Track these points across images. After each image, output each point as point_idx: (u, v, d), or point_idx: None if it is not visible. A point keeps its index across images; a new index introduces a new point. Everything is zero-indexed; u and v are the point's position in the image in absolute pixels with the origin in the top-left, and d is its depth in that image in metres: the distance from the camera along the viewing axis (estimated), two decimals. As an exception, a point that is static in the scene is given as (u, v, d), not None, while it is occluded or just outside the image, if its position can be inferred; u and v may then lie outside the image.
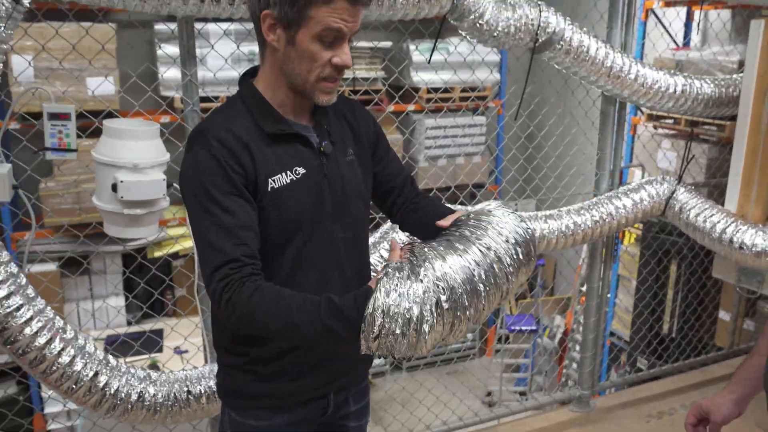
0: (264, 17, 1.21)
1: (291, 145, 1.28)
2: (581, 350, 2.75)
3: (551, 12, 2.17)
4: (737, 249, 2.29)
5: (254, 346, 1.32)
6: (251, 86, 1.31)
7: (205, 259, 1.20)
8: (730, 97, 2.52)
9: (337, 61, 1.21)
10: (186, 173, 1.23)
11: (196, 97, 1.92)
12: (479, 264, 1.15)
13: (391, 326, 1.07)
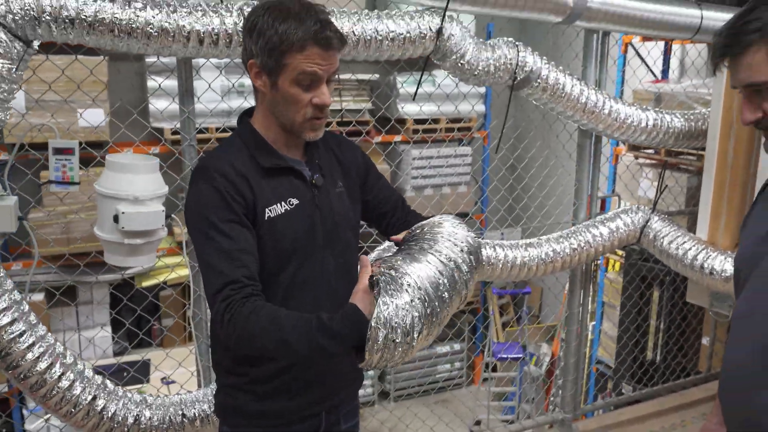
0: (250, 66, 1.39)
1: (286, 178, 1.43)
2: (563, 374, 2.88)
3: (528, 52, 2.35)
4: (708, 274, 2.46)
5: (254, 367, 1.45)
6: (248, 125, 1.46)
7: (208, 282, 1.33)
8: (700, 130, 2.71)
9: (317, 101, 1.37)
10: (190, 206, 1.37)
11: (193, 133, 2.07)
12: (443, 273, 1.29)
13: (393, 337, 1.18)
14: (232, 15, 1.89)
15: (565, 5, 2.29)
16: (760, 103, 1.24)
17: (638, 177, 4.15)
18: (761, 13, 1.20)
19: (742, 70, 1.23)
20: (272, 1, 1.38)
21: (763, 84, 1.22)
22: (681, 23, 2.55)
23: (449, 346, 5.33)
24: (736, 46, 1.22)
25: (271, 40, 1.32)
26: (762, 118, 1.25)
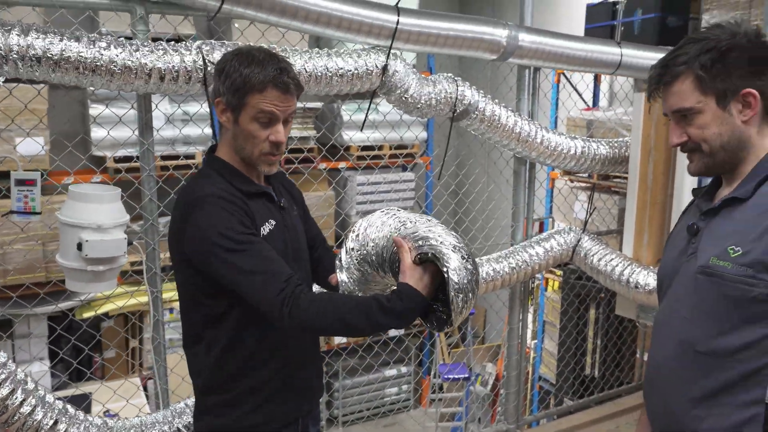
0: (217, 103, 1.59)
1: (262, 202, 1.63)
2: (505, 387, 3.12)
3: (467, 86, 2.61)
4: (633, 288, 2.75)
5: (243, 380, 1.61)
6: (218, 158, 1.64)
7: (255, 287, 1.47)
8: (623, 156, 3.03)
9: (273, 138, 1.57)
10: (203, 230, 1.49)
11: (152, 164, 2.22)
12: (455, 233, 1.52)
13: (469, 296, 1.40)
14: (191, 53, 2.07)
15: (498, 44, 2.57)
16: (686, 127, 1.43)
17: (572, 200, 4.49)
18: (688, 48, 1.40)
19: (671, 97, 1.43)
20: (241, 49, 1.61)
21: (688, 110, 1.41)
22: (604, 60, 2.87)
23: (396, 369, 5.51)
24: (667, 75, 1.43)
25: (235, 82, 1.53)
26: (687, 142, 1.45)
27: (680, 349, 1.46)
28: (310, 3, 2.18)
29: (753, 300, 1.32)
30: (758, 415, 1.34)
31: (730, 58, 1.37)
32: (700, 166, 1.46)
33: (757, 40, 1.38)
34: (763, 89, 1.38)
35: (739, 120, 1.40)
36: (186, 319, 1.66)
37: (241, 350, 1.60)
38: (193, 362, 1.67)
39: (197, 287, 1.58)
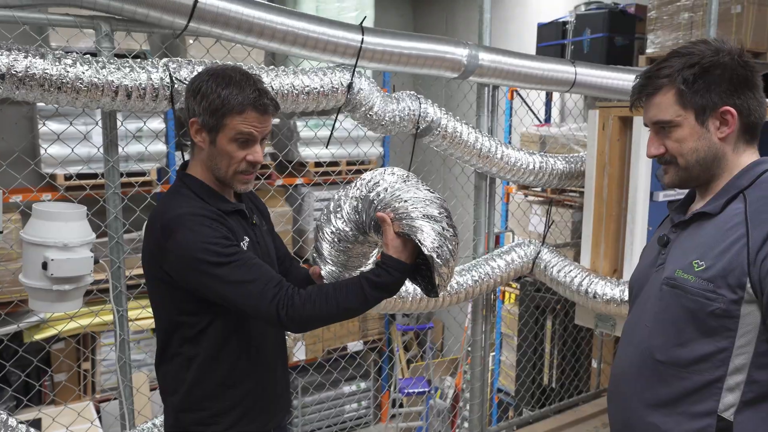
0: (192, 124, 1.61)
1: (236, 219, 1.66)
2: (470, 398, 3.19)
3: (429, 103, 2.70)
4: (592, 298, 2.87)
5: (216, 400, 1.63)
6: (192, 177, 1.66)
7: (248, 294, 1.50)
8: (579, 171, 3.17)
9: (251, 158, 1.61)
10: (189, 248, 1.50)
11: (118, 181, 2.22)
12: (433, 197, 1.58)
13: (451, 264, 1.48)
14: (158, 71, 2.09)
15: (460, 63, 2.67)
16: (664, 140, 1.47)
17: (528, 214, 4.64)
18: (673, 62, 1.43)
19: (652, 108, 1.47)
20: (215, 68, 1.64)
21: (667, 122, 1.44)
22: (559, 78, 3.01)
23: (356, 385, 5.54)
24: (649, 86, 1.47)
25: (213, 103, 1.56)
26: (664, 154, 1.49)
27: (641, 356, 1.51)
28: (276, 22, 2.23)
29: (710, 314, 1.37)
30: (710, 426, 1.39)
31: (711, 75, 1.40)
32: (675, 178, 1.51)
33: (740, 59, 1.42)
34: (740, 108, 1.42)
35: (715, 136, 1.44)
36: (162, 337, 1.67)
37: (221, 366, 1.63)
38: (168, 380, 1.68)
39: (176, 305, 1.60)
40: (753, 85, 1.43)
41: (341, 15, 5.11)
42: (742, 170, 1.45)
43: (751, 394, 1.37)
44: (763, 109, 1.44)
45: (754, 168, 1.44)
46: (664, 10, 4.82)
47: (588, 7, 5.39)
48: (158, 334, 1.68)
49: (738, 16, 4.48)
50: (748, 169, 1.44)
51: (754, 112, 1.43)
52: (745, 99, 1.42)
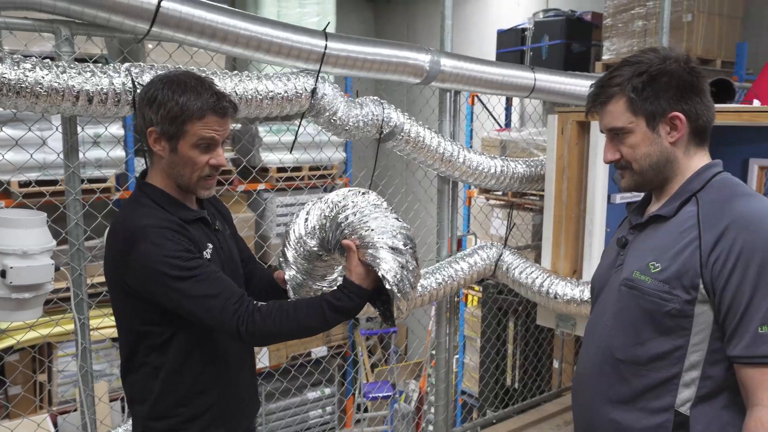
0: (150, 133, 1.58)
1: (199, 227, 1.66)
2: (435, 399, 3.23)
3: (392, 108, 2.73)
4: (552, 298, 2.94)
5: (186, 406, 1.63)
6: (152, 186, 1.64)
7: (210, 308, 1.50)
8: (539, 175, 3.24)
9: (214, 162, 1.61)
10: (151, 261, 1.50)
11: (78, 187, 2.20)
12: (398, 223, 1.60)
13: (410, 295, 1.54)
14: (120, 76, 2.07)
15: (422, 69, 2.72)
16: (618, 146, 1.52)
17: (490, 217, 4.71)
18: (623, 71, 1.48)
19: (605, 116, 1.52)
20: (168, 75, 1.62)
21: (620, 129, 1.49)
22: (519, 84, 3.08)
23: (320, 391, 5.53)
24: (602, 95, 1.51)
25: (172, 110, 1.55)
26: (619, 160, 1.53)
27: (602, 355, 1.57)
28: (240, 27, 2.24)
29: (666, 314, 1.43)
30: (668, 421, 1.45)
31: (659, 82, 1.45)
32: (630, 182, 1.56)
33: (687, 65, 1.48)
34: (689, 113, 1.47)
35: (666, 141, 1.49)
36: (127, 347, 1.65)
37: (188, 374, 1.63)
38: (136, 390, 1.67)
39: (140, 316, 1.59)
40: (699, 90, 1.49)
41: (303, 20, 5.12)
42: (694, 174, 1.50)
43: (705, 389, 1.44)
44: (711, 112, 1.51)
45: (705, 171, 1.50)
46: (618, 18, 4.97)
47: (546, 14, 5.51)
48: (123, 344, 1.67)
49: (689, 24, 4.64)
50: (699, 173, 1.50)
51: (702, 116, 1.49)
52: (693, 104, 1.47)
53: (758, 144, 3.15)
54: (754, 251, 1.35)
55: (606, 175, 2.87)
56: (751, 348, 1.35)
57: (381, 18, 8.22)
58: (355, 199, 1.63)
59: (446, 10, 2.90)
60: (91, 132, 3.90)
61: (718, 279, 1.38)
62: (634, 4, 4.86)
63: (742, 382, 1.39)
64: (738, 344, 1.37)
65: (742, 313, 1.36)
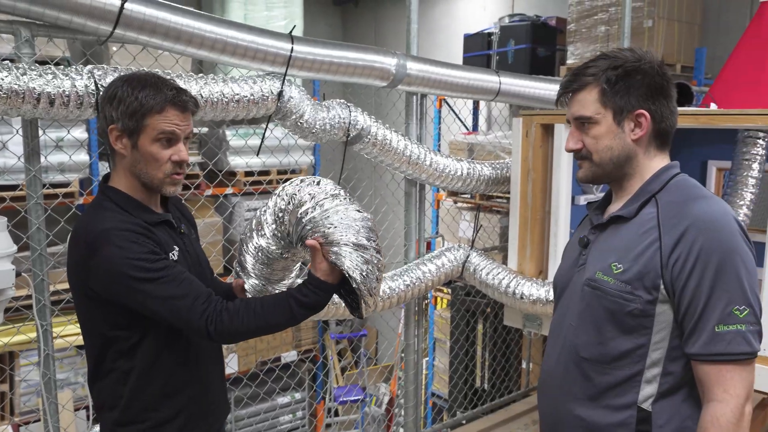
0: (111, 131, 1.57)
1: (164, 230, 1.64)
2: (404, 401, 3.25)
3: (359, 111, 2.74)
4: (519, 299, 2.98)
5: (156, 410, 1.62)
6: (115, 189, 1.62)
7: (177, 310, 1.50)
8: (505, 177, 3.28)
9: (176, 158, 1.60)
10: (116, 264, 1.48)
11: (40, 192, 2.16)
12: (361, 219, 1.60)
13: (375, 291, 1.55)
14: (82, 78, 2.05)
15: (388, 72, 2.74)
16: (582, 136, 1.54)
17: (458, 219, 4.75)
18: (599, 63, 1.51)
19: (575, 104, 1.54)
20: (129, 74, 1.63)
21: (587, 119, 1.52)
22: (484, 87, 3.11)
23: (290, 396, 5.51)
24: (576, 83, 1.54)
25: (131, 105, 1.54)
26: (581, 149, 1.55)
27: (567, 354, 1.60)
28: (205, 30, 2.23)
29: (629, 314, 1.47)
30: (631, 417, 1.49)
31: (633, 78, 1.49)
32: (588, 174, 1.59)
33: (659, 68, 1.52)
34: (654, 113, 1.50)
35: (629, 137, 1.52)
36: (94, 353, 1.63)
37: (158, 377, 1.61)
38: (105, 396, 1.65)
39: (107, 321, 1.58)
40: (667, 94, 1.53)
41: (270, 24, 5.11)
42: (653, 175, 1.54)
43: (666, 385, 1.48)
44: (674, 118, 1.55)
45: (664, 173, 1.54)
46: (582, 23, 5.06)
47: (512, 19, 5.59)
48: (89, 351, 1.65)
49: (650, 30, 4.75)
50: (659, 174, 1.54)
51: (666, 120, 1.53)
52: (659, 106, 1.51)
53: (716, 146, 3.24)
54: (711, 253, 1.40)
55: (570, 177, 2.92)
56: (708, 346, 1.40)
57: (349, 22, 8.24)
58: (311, 190, 1.62)
59: (412, 14, 2.93)
60: (53, 136, 3.85)
61: (678, 280, 1.42)
62: (597, 9, 4.96)
63: (699, 378, 1.44)
64: (696, 342, 1.41)
65: (700, 312, 1.40)
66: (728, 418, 1.38)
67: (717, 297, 1.39)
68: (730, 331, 1.39)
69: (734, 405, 1.39)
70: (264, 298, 1.58)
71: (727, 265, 1.39)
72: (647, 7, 4.73)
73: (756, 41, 3.65)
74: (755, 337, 1.41)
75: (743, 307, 1.39)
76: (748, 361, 1.40)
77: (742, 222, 1.84)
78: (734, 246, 1.41)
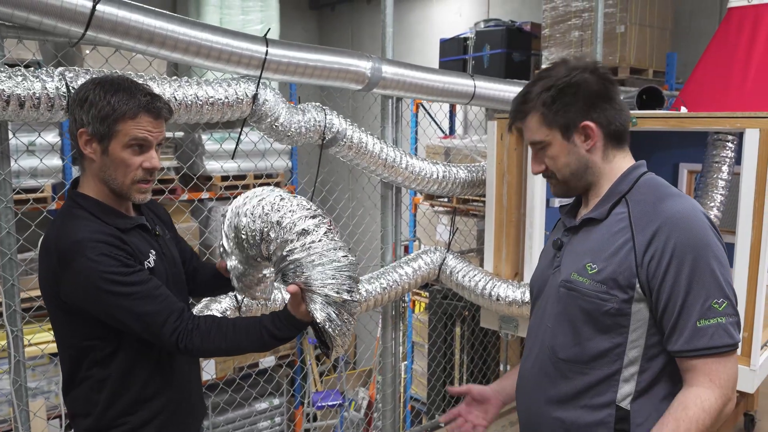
0: (80, 134, 1.54)
1: (139, 234, 1.62)
2: (382, 404, 3.24)
3: (335, 115, 2.74)
4: (495, 301, 2.99)
5: (132, 415, 1.60)
6: (84, 195, 1.59)
7: (148, 326, 1.49)
8: (480, 179, 3.30)
9: (147, 165, 1.57)
10: (89, 278, 1.46)
11: (10, 195, 2.13)
12: (342, 268, 1.59)
13: (345, 339, 1.56)
14: (53, 80, 2.02)
15: (364, 75, 2.74)
16: (542, 158, 1.57)
17: (435, 222, 4.77)
18: (535, 87, 1.54)
19: (526, 131, 1.58)
20: (100, 77, 1.59)
21: (539, 143, 1.55)
22: (459, 91, 3.13)
23: (268, 402, 5.48)
24: (519, 113, 1.58)
25: (103, 109, 1.51)
26: (546, 170, 1.59)
27: (544, 355, 1.61)
28: (179, 32, 2.22)
29: (605, 313, 1.48)
30: (610, 416, 1.50)
31: (567, 94, 1.51)
32: (558, 190, 1.63)
33: (593, 74, 1.52)
34: (599, 120, 1.51)
35: (583, 149, 1.54)
36: (69, 363, 1.61)
37: (135, 383, 1.60)
38: (80, 404, 1.62)
39: (81, 332, 1.55)
40: (608, 97, 1.54)
41: (246, 28, 5.10)
42: (621, 175, 1.56)
43: (643, 383, 1.49)
44: (624, 115, 1.56)
45: (631, 173, 1.56)
46: (556, 28, 5.12)
47: (487, 24, 5.64)
48: (63, 360, 1.62)
49: (622, 35, 4.83)
50: (626, 175, 1.56)
51: (614, 121, 1.54)
52: (602, 111, 1.53)
53: (688, 149, 3.30)
54: (685, 250, 1.42)
55: (544, 180, 2.94)
56: (692, 342, 1.42)
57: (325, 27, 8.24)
58: (291, 214, 1.57)
59: (387, 18, 2.93)
60: (25, 140, 3.80)
61: (654, 278, 1.44)
62: (571, 15, 5.02)
63: (684, 371, 1.45)
64: (679, 339, 1.43)
65: (679, 309, 1.42)
66: (712, 403, 1.40)
67: (695, 293, 1.41)
68: (712, 325, 1.41)
69: (719, 394, 1.41)
70: (237, 322, 1.57)
71: (702, 261, 1.42)
72: (619, 13, 4.80)
73: (724, 46, 3.73)
74: (735, 328, 1.43)
75: (721, 300, 1.42)
76: (731, 352, 1.43)
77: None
78: (707, 241, 1.43)
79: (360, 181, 3.60)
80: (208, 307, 2.48)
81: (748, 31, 3.64)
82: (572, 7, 5.01)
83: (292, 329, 1.56)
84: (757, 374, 2.38)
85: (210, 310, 2.47)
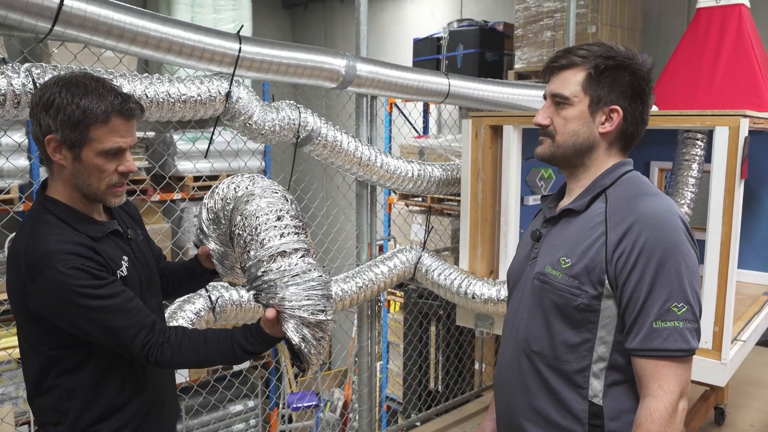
0: (48, 141, 1.45)
1: (111, 240, 1.57)
2: (358, 404, 3.23)
3: (309, 113, 2.72)
4: (471, 298, 3.00)
5: (106, 420, 1.56)
6: (54, 200, 1.52)
7: (119, 340, 1.46)
8: (455, 178, 3.31)
9: (122, 169, 1.51)
10: (53, 295, 1.42)
11: (-25, 195, 2.07)
12: (316, 286, 1.57)
13: (319, 351, 1.55)
14: (20, 76, 1.97)
15: (338, 73, 2.72)
16: (553, 114, 1.54)
17: (410, 222, 4.77)
18: (594, 48, 1.51)
19: (557, 81, 1.53)
20: (63, 77, 1.48)
21: (564, 98, 1.51)
22: (434, 89, 3.13)
23: (243, 404, 5.42)
24: (564, 59, 1.53)
25: (73, 114, 1.42)
26: (548, 126, 1.55)
27: (519, 347, 1.61)
28: (150, 29, 2.18)
29: (575, 308, 1.48)
30: (584, 411, 1.50)
31: (619, 73, 1.49)
32: (547, 152, 1.58)
33: (646, 74, 1.53)
34: (627, 113, 1.50)
35: (597, 129, 1.52)
36: (33, 370, 1.56)
37: (107, 390, 1.56)
38: (49, 413, 1.57)
39: (49, 340, 1.51)
40: (645, 101, 1.54)
41: (218, 26, 5.04)
42: (606, 170, 1.55)
43: (611, 379, 1.50)
44: (643, 127, 1.56)
45: (617, 168, 1.56)
46: (529, 28, 5.16)
47: (460, 24, 5.66)
48: (30, 368, 1.57)
49: (593, 35, 4.88)
50: (612, 169, 1.56)
51: (636, 124, 1.54)
52: (635, 108, 1.52)
53: (658, 148, 3.34)
54: (654, 249, 1.41)
55: (519, 177, 2.96)
56: (646, 341, 1.41)
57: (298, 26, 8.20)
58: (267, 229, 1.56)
59: (361, 15, 2.92)
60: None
61: (621, 274, 1.43)
62: (543, 15, 5.06)
63: (637, 373, 1.45)
64: (635, 338, 1.43)
65: (639, 307, 1.42)
66: (661, 413, 1.39)
67: (657, 293, 1.41)
68: (667, 328, 1.40)
69: (668, 401, 1.40)
70: (208, 334, 1.54)
71: (669, 262, 1.41)
72: (591, 14, 4.85)
73: (693, 46, 3.79)
74: (693, 334, 1.42)
75: (681, 305, 1.41)
76: (684, 358, 1.42)
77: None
78: (677, 243, 1.43)
79: (335, 180, 3.58)
80: (181, 308, 2.44)
81: (716, 31, 3.70)
82: (545, 8, 5.05)
83: (264, 344, 1.54)
84: (727, 368, 2.42)
85: (184, 311, 2.44)
